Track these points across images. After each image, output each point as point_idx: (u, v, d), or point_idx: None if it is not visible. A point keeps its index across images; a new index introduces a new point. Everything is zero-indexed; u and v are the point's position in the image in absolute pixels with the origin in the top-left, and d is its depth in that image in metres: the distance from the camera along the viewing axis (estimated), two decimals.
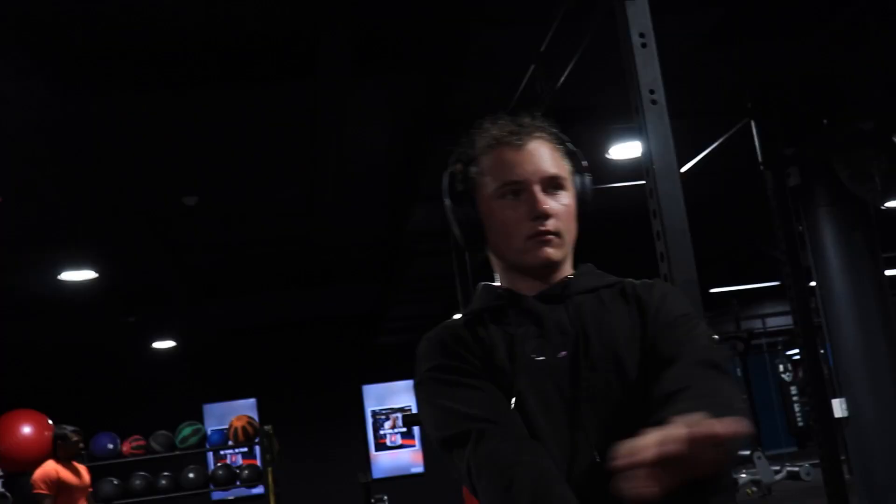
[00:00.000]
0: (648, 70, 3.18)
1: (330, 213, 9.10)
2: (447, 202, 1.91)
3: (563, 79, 4.61)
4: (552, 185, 1.80)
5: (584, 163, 1.91)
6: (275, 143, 7.46)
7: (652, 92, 3.17)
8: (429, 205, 8.58)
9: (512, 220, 1.79)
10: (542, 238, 1.76)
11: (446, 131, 6.87)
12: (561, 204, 1.80)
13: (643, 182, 3.24)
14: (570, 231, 1.82)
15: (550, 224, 1.77)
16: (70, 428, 8.89)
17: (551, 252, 1.78)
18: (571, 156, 1.88)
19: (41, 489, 8.53)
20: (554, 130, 1.89)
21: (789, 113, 7.10)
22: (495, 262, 1.91)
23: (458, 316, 2.01)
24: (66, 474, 8.68)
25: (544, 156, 1.81)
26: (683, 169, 7.99)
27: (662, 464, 1.19)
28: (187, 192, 8.33)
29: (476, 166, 1.86)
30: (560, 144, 1.87)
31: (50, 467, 8.66)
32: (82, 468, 9.14)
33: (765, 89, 6.87)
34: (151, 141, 7.13)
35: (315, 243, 10.69)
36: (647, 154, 3.14)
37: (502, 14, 5.30)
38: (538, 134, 1.84)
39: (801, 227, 8.29)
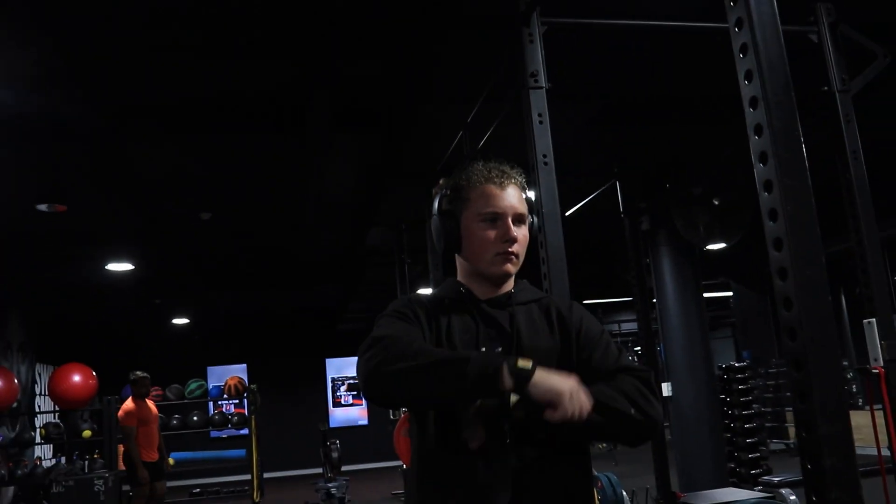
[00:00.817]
0: (542, 140, 3.21)
1: (308, 231, 9.06)
2: (435, 217, 1.93)
3: (482, 143, 4.63)
4: (519, 219, 1.85)
5: (534, 206, 1.96)
6: (271, 178, 7.41)
7: (545, 156, 3.19)
8: (381, 229, 8.58)
9: (488, 239, 1.83)
10: (507, 256, 1.82)
11: (397, 177, 6.89)
12: (522, 234, 1.86)
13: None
14: (523, 255, 1.88)
15: (514, 247, 1.83)
16: (140, 373, 8.61)
17: (510, 267, 1.84)
18: (529, 202, 1.92)
19: (127, 422, 8.23)
20: (523, 180, 1.93)
21: (643, 178, 7.21)
22: (462, 266, 1.93)
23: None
24: (141, 409, 8.40)
25: (517, 197, 1.86)
26: (567, 213, 8.10)
27: None
28: (203, 210, 8.26)
29: (465, 194, 1.88)
30: (524, 191, 1.91)
31: (130, 405, 8.38)
32: (152, 404, 8.87)
33: (627, 160, 6.97)
34: (178, 170, 7.07)
35: (296, 253, 10.64)
36: (538, 201, 3.16)
37: (442, 93, 5.32)
38: (515, 181, 1.89)
39: (648, 260, 8.40)
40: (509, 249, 1.82)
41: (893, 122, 7.12)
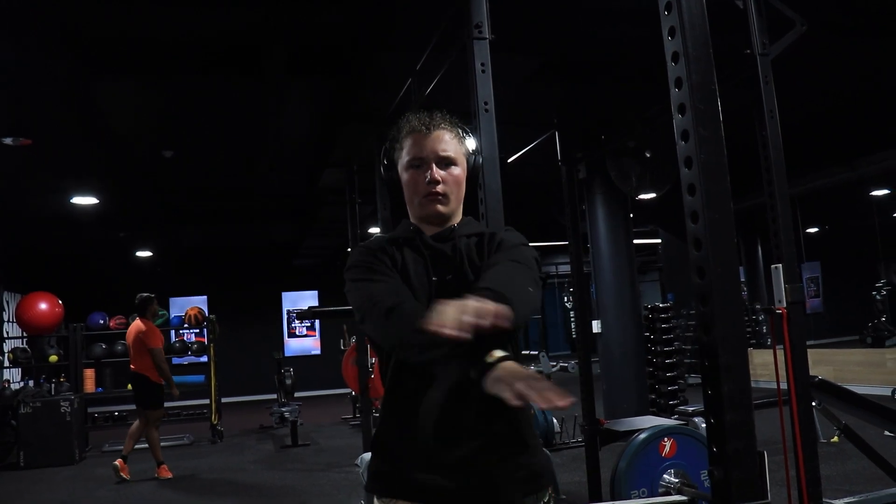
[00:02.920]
0: (484, 88, 3.19)
1: (266, 170, 8.95)
2: (381, 168, 1.96)
3: (429, 90, 4.59)
4: (444, 162, 1.83)
5: (474, 147, 1.95)
6: (230, 118, 7.29)
7: (486, 104, 3.18)
8: (334, 170, 8.51)
9: (415, 182, 1.83)
10: (433, 197, 1.81)
11: (350, 120, 6.83)
12: (450, 175, 1.84)
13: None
14: (455, 194, 1.86)
15: (439, 188, 1.81)
16: (150, 295, 7.91)
17: (439, 208, 1.83)
18: (468, 141, 1.92)
19: (157, 344, 7.65)
20: (457, 123, 1.92)
21: (580, 129, 7.22)
22: (409, 212, 1.93)
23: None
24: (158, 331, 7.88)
25: (442, 142, 1.84)
26: (510, 160, 8.11)
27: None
28: (166, 148, 8.11)
29: (399, 144, 1.88)
30: (459, 133, 1.90)
31: (151, 326, 7.78)
32: None
33: (566, 112, 6.97)
34: (141, 109, 6.92)
35: (254, 191, 10.52)
36: (478, 146, 3.15)
37: (392, 42, 5.25)
38: (442, 126, 1.86)
39: (583, 206, 8.49)
40: (433, 190, 1.82)
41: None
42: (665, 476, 4.12)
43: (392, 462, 1.73)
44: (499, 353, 1.47)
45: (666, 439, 4.17)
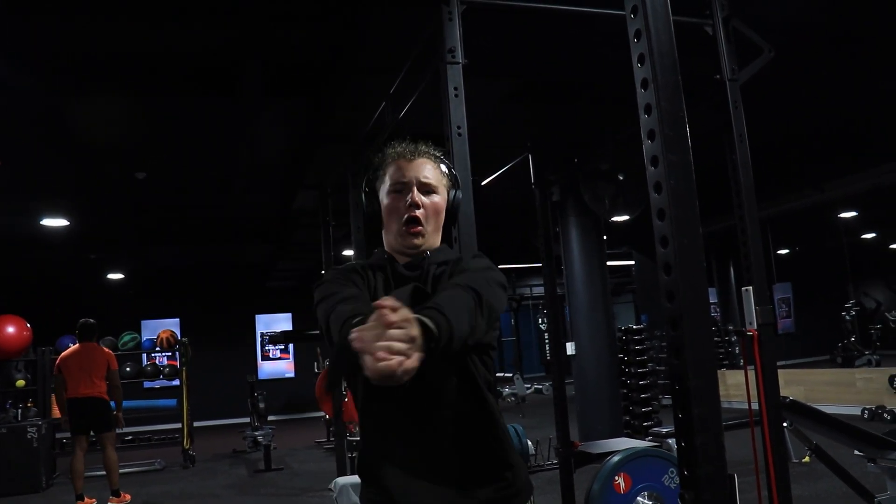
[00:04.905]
0: (457, 112, 3.21)
1: (240, 192, 8.91)
2: (362, 196, 1.95)
3: (403, 113, 4.61)
4: (426, 189, 1.85)
5: (457, 181, 1.96)
6: (204, 139, 7.28)
7: (459, 127, 3.19)
8: (308, 192, 8.50)
9: (396, 206, 1.84)
10: (413, 226, 1.82)
11: (324, 142, 6.83)
12: (430, 201, 1.86)
13: None
14: (434, 222, 1.88)
15: (419, 213, 1.83)
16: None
17: (416, 241, 1.84)
18: (449, 175, 1.94)
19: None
20: (440, 156, 1.94)
21: (553, 152, 7.28)
22: (385, 241, 1.93)
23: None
24: None
25: (425, 169, 1.87)
26: (484, 182, 8.15)
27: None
28: (138, 169, 8.06)
29: (382, 170, 1.91)
30: (441, 165, 1.92)
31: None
32: None
33: (539, 135, 7.03)
34: (114, 131, 6.88)
35: (228, 213, 10.47)
36: (458, 181, 3.17)
37: (367, 64, 5.27)
38: (426, 155, 1.89)
39: (557, 228, 8.52)
40: (413, 214, 1.82)
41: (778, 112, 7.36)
42: (639, 498, 4.13)
43: (383, 491, 1.74)
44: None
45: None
